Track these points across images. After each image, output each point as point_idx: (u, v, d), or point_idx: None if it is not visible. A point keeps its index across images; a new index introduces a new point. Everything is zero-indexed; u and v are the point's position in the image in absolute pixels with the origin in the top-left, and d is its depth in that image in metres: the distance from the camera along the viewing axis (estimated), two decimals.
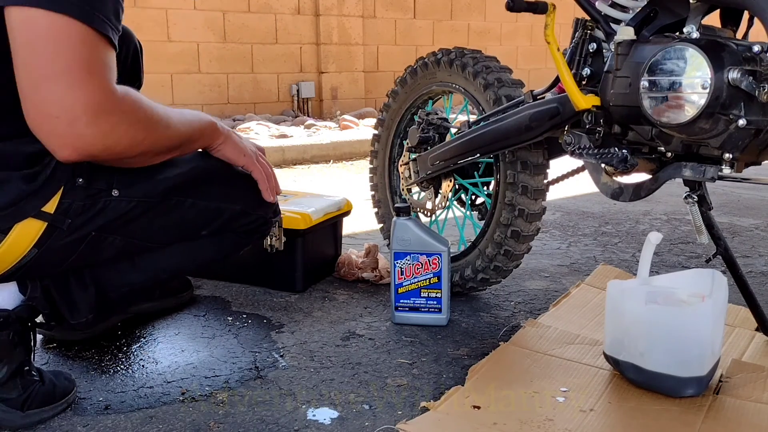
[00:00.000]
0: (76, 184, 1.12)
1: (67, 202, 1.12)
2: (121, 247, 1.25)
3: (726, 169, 1.14)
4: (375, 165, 1.96)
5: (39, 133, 1.00)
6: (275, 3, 5.63)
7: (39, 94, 0.96)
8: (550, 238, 2.34)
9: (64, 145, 0.99)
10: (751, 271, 1.96)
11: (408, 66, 1.82)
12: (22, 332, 1.15)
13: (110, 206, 1.17)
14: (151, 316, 1.59)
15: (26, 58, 0.96)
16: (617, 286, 1.24)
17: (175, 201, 1.25)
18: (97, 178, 1.14)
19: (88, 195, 1.13)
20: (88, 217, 1.15)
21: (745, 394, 1.16)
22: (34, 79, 0.96)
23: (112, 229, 1.19)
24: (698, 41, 1.09)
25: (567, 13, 1.68)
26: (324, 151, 4.44)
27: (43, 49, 0.95)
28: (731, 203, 2.96)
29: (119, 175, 1.17)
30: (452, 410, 1.11)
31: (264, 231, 1.47)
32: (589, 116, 1.29)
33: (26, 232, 1.10)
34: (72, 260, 1.19)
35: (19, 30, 0.95)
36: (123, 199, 1.17)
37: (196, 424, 1.12)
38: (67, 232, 1.14)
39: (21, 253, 1.11)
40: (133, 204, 1.19)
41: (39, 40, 0.95)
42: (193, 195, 1.28)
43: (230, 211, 1.35)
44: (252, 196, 1.39)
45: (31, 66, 0.96)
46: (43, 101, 0.96)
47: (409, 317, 1.56)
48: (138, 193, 1.19)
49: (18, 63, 0.96)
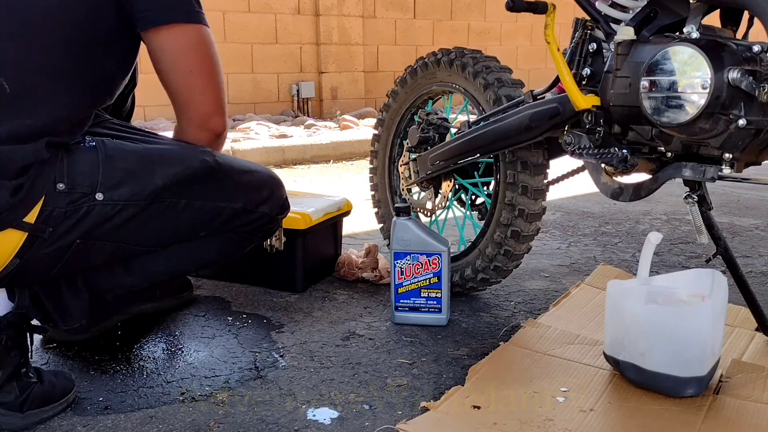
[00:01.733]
0: (56, 189, 1.09)
1: (48, 210, 1.09)
2: (112, 252, 1.22)
3: (726, 169, 1.14)
4: (375, 165, 1.96)
5: (190, 124, 1.29)
6: (275, 3, 5.63)
7: (206, 104, 1.28)
8: (550, 238, 2.34)
9: (215, 126, 1.29)
10: (751, 271, 1.96)
11: (408, 66, 1.82)
12: (16, 336, 1.13)
13: (94, 211, 1.14)
14: (151, 316, 1.59)
15: (180, 63, 1.23)
16: (617, 286, 1.24)
17: (168, 202, 1.22)
18: (79, 181, 1.12)
19: (70, 201, 1.11)
20: (70, 224, 1.12)
21: (745, 394, 1.16)
22: (195, 87, 1.25)
23: (98, 236, 1.16)
24: (698, 41, 1.09)
25: (567, 13, 1.68)
26: (324, 151, 4.44)
27: (197, 57, 1.25)
28: (731, 203, 2.96)
29: (104, 177, 1.14)
30: (452, 410, 1.11)
31: (269, 229, 1.42)
32: (589, 116, 1.29)
33: (5, 243, 1.07)
34: (60, 267, 1.16)
35: (174, 41, 1.22)
36: (107, 203, 1.14)
37: (196, 424, 1.12)
38: (50, 240, 1.11)
39: (1, 263, 1.09)
40: (119, 207, 1.16)
41: (192, 51, 1.24)
42: (186, 195, 1.24)
43: (230, 211, 1.31)
44: (254, 193, 1.34)
45: (186, 69, 1.24)
46: (203, 100, 1.27)
47: (409, 317, 1.56)
48: (124, 196, 1.16)
49: (176, 68, 1.24)
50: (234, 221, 1.33)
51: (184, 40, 1.23)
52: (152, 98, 4.79)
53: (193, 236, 1.31)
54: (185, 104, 1.28)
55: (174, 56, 1.23)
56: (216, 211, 1.29)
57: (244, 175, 1.34)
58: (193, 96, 1.27)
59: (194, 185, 1.25)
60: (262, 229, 1.40)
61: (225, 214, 1.31)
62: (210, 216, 1.29)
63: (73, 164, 1.12)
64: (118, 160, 1.17)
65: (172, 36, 1.21)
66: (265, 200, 1.36)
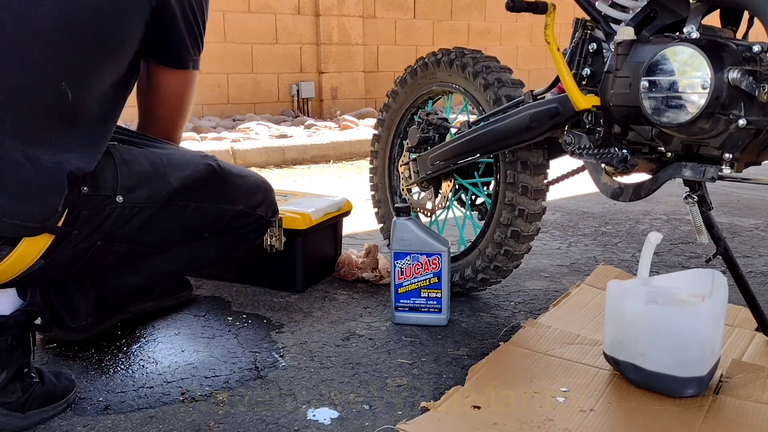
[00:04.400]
0: (81, 192, 1.12)
1: (74, 213, 1.12)
2: (125, 253, 1.26)
3: (726, 169, 1.14)
4: (375, 165, 1.96)
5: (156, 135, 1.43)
6: (275, 3, 5.63)
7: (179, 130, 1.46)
8: (550, 238, 2.34)
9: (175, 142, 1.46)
10: (751, 271, 1.96)
11: (408, 66, 1.82)
12: (21, 336, 1.14)
13: (115, 213, 1.17)
14: (151, 316, 1.59)
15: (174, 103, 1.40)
16: (617, 286, 1.24)
17: (180, 205, 1.26)
18: (101, 184, 1.15)
19: (93, 204, 1.14)
20: (94, 227, 1.15)
21: (745, 394, 1.16)
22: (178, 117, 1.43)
23: (117, 237, 1.20)
24: (698, 41, 1.09)
25: (567, 13, 1.68)
26: (324, 151, 4.44)
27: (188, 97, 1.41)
28: (731, 203, 2.96)
29: (122, 180, 1.17)
30: (452, 410, 1.11)
31: (262, 231, 1.50)
32: (589, 116, 1.29)
33: (34, 245, 1.10)
34: (76, 268, 1.20)
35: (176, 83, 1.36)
36: (126, 205, 1.18)
37: (196, 424, 1.12)
38: (74, 242, 1.14)
39: (27, 264, 1.11)
40: (137, 210, 1.20)
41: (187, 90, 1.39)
42: (196, 198, 1.29)
43: (231, 213, 1.37)
44: (251, 197, 1.41)
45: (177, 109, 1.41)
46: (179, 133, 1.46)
47: (409, 317, 1.56)
48: (142, 198, 1.20)
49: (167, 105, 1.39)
50: (234, 223, 1.40)
51: (184, 84, 1.39)
52: None
53: (198, 237, 1.37)
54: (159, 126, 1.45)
55: (171, 94, 1.39)
56: (220, 213, 1.36)
57: (242, 179, 1.42)
58: (168, 125, 1.45)
59: (202, 188, 1.30)
60: (257, 231, 1.48)
61: (227, 216, 1.37)
62: (215, 218, 1.35)
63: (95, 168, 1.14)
64: (132, 163, 1.22)
65: (178, 78, 1.37)
66: (260, 203, 1.44)
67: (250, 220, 1.42)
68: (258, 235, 1.51)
